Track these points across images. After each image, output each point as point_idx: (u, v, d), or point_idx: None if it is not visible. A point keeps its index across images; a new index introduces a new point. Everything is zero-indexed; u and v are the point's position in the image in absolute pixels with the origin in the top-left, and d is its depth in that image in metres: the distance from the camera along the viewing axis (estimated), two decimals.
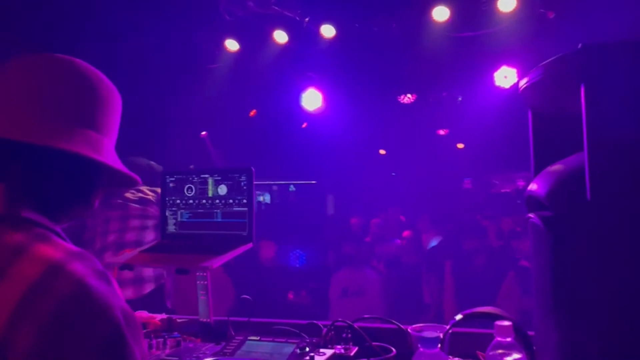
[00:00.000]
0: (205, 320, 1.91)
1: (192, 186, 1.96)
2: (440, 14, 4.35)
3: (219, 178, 1.92)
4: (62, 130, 0.89)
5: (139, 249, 1.89)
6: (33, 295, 0.77)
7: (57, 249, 0.85)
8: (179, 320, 2.03)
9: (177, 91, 5.04)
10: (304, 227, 6.75)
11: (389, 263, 5.50)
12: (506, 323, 1.19)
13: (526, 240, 1.38)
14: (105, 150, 0.96)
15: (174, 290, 4.63)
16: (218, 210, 1.91)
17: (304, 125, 8.19)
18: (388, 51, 4.63)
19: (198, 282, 1.89)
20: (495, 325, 1.21)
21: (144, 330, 1.97)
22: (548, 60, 1.06)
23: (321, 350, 1.49)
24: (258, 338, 1.60)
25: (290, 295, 4.89)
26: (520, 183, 10.90)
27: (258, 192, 16.88)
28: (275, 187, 16.65)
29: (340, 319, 1.78)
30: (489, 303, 1.61)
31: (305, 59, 4.99)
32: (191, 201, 1.95)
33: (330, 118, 6.46)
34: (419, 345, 1.12)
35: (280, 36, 4.63)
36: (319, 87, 5.49)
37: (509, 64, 5.47)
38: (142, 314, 2.12)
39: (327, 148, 8.57)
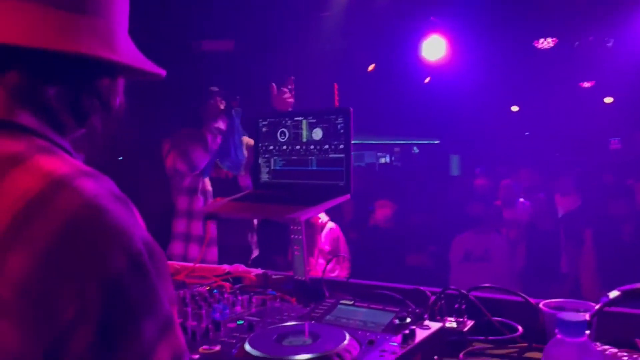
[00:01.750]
0: (299, 278, 1.72)
1: (286, 130, 1.75)
2: None
3: (314, 120, 1.69)
4: (64, 22, 0.70)
5: (229, 198, 1.75)
6: (30, 212, 0.61)
7: (64, 163, 0.69)
8: (274, 277, 1.88)
9: (279, 43, 4.88)
10: (424, 187, 6.39)
11: (522, 228, 4.98)
12: None
13: None
14: (120, 42, 0.76)
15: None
16: (313, 157, 1.69)
17: (427, 80, 7.69)
18: None
19: (292, 236, 1.70)
20: None
21: (239, 285, 1.85)
22: None
23: (426, 322, 1.22)
24: (352, 302, 1.37)
25: (409, 259, 4.62)
26: None
27: (379, 154, 16.64)
28: (397, 149, 16.25)
29: (452, 287, 1.49)
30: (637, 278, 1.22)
31: (426, 1, 4.52)
32: (285, 147, 1.75)
33: (455, 70, 5.92)
34: (557, 331, 0.81)
35: None
36: (443, 34, 4.98)
37: None
38: (239, 268, 2.00)
39: (451, 104, 7.99)
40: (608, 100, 9.16)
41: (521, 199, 5.36)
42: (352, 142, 1.66)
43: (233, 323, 1.29)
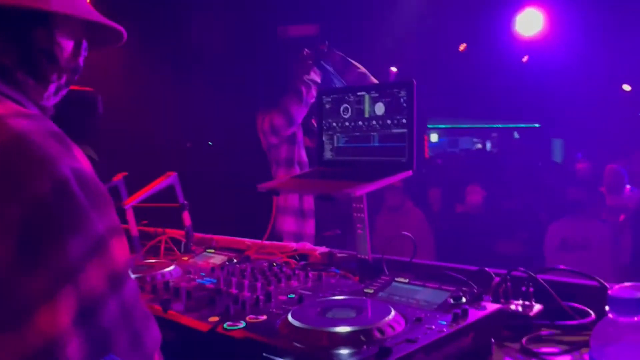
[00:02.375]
0: (362, 257, 1.69)
1: (348, 106, 1.72)
2: None
3: (376, 95, 1.64)
4: None
5: (292, 175, 1.75)
6: None
7: (3, 106, 0.75)
8: (339, 255, 1.86)
9: (365, 26, 4.80)
10: (519, 171, 6.03)
11: (628, 216, 4.54)
12: None
13: None
14: None
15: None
16: (375, 133, 1.64)
17: (525, 58, 7.22)
18: None
19: (354, 214, 1.67)
20: None
21: (304, 262, 1.86)
22: None
23: (483, 303, 1.15)
24: (407, 280, 1.32)
25: (499, 246, 4.40)
26: None
27: (475, 139, 15.97)
28: (494, 134, 15.48)
29: (520, 268, 1.39)
30: None
31: None
32: (347, 124, 1.72)
33: (555, 46, 5.49)
34: (608, 310, 0.71)
35: None
36: (539, 5, 4.62)
37: None
38: (305, 245, 2.02)
39: (553, 84, 7.44)
40: None
41: (628, 186, 4.89)
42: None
43: (284, 296, 1.29)
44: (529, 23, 4.83)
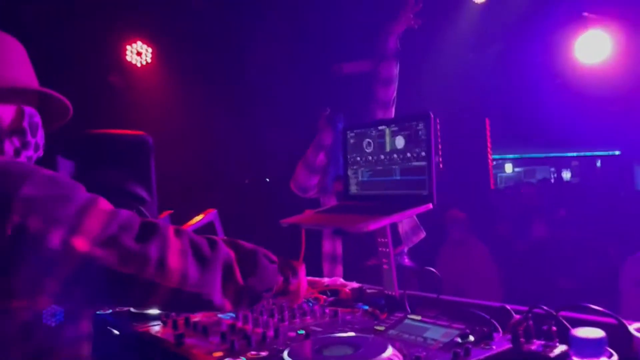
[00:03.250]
0: (389, 292, 1.66)
1: (371, 140, 1.72)
2: None
3: (396, 128, 1.64)
4: None
5: (317, 209, 1.77)
6: None
7: None
8: (369, 291, 1.84)
9: (423, 58, 4.78)
10: (599, 201, 5.66)
11: None
12: None
13: None
14: None
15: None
16: (396, 167, 1.63)
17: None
18: None
19: (379, 248, 1.65)
20: None
21: (334, 298, 1.84)
22: None
23: (492, 343, 1.09)
24: (419, 318, 1.28)
25: (562, 281, 4.13)
26: None
27: (552, 169, 15.19)
28: (575, 162, 14.68)
29: (542, 305, 1.30)
30: None
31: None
32: (370, 158, 1.72)
33: (623, 71, 5.19)
34: (570, 352, 0.65)
35: None
36: (602, 30, 4.41)
37: None
38: (336, 281, 2.00)
39: (629, 108, 7.00)
40: None
41: None
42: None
43: (294, 332, 1.29)
44: (591, 48, 4.61)
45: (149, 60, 4.90)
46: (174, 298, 0.97)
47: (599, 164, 13.47)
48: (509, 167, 15.70)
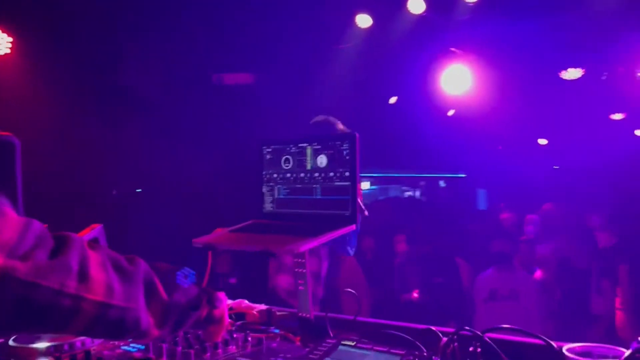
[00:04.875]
0: (304, 315, 1.61)
1: (290, 157, 1.67)
2: None
3: (319, 147, 1.61)
4: None
5: (229, 228, 1.66)
6: None
7: None
8: (278, 313, 1.76)
9: (305, 75, 4.86)
10: (447, 222, 6.20)
11: (552, 266, 4.74)
12: None
13: None
14: None
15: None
16: (317, 186, 1.60)
17: (451, 112, 7.57)
18: (545, 13, 3.87)
19: (295, 269, 1.59)
20: None
21: (241, 322, 1.74)
22: None
23: None
24: (354, 343, 1.25)
25: (414, 294, 4.44)
26: None
27: (404, 187, 16.42)
28: (422, 182, 16.01)
29: (467, 327, 1.35)
30: None
31: (446, 31, 4.45)
32: (289, 175, 1.67)
33: (479, 102, 5.80)
34: None
35: (416, 5, 4.14)
36: (464, 65, 4.89)
37: None
38: (241, 303, 1.90)
39: (477, 137, 7.84)
40: (639, 132, 8.85)
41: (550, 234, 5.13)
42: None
43: None
44: (455, 80, 5.08)
45: (8, 51, 4.29)
46: (100, 316, 0.87)
47: (442, 184, 14.87)
48: (365, 185, 16.63)
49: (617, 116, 8.07)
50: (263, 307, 1.81)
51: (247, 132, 4.29)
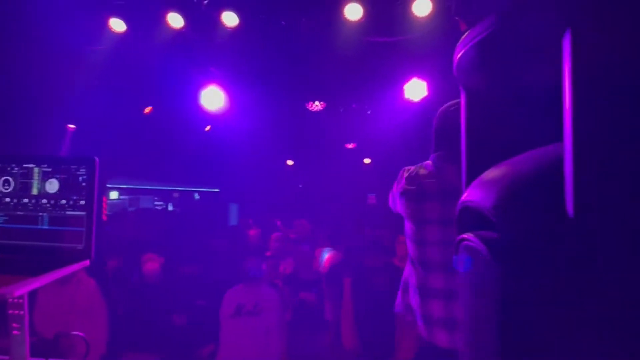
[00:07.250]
0: None
1: (11, 178, 1.42)
2: (353, 12, 4.03)
3: (49, 169, 1.41)
4: None
5: None
6: None
7: None
8: None
9: (48, 76, 4.31)
10: (199, 237, 6.18)
11: (287, 279, 5.13)
12: None
13: None
14: None
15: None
16: (45, 214, 1.39)
17: (208, 128, 7.63)
18: (296, 49, 4.23)
19: (9, 311, 1.35)
20: None
21: None
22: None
23: None
24: None
25: (177, 318, 4.30)
26: None
27: (156, 199, 15.88)
28: (176, 194, 15.73)
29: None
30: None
31: (205, 51, 4.47)
32: (8, 199, 1.42)
33: (233, 121, 5.97)
34: None
35: (175, 20, 4.05)
36: (221, 85, 4.98)
37: (420, 76, 5.31)
38: None
39: (231, 154, 8.06)
40: (367, 160, 10.31)
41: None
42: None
43: None
44: (212, 99, 5.13)
45: None
46: None
47: (196, 196, 14.86)
48: (114, 194, 15.54)
49: (350, 145, 9.27)
50: None
51: None
